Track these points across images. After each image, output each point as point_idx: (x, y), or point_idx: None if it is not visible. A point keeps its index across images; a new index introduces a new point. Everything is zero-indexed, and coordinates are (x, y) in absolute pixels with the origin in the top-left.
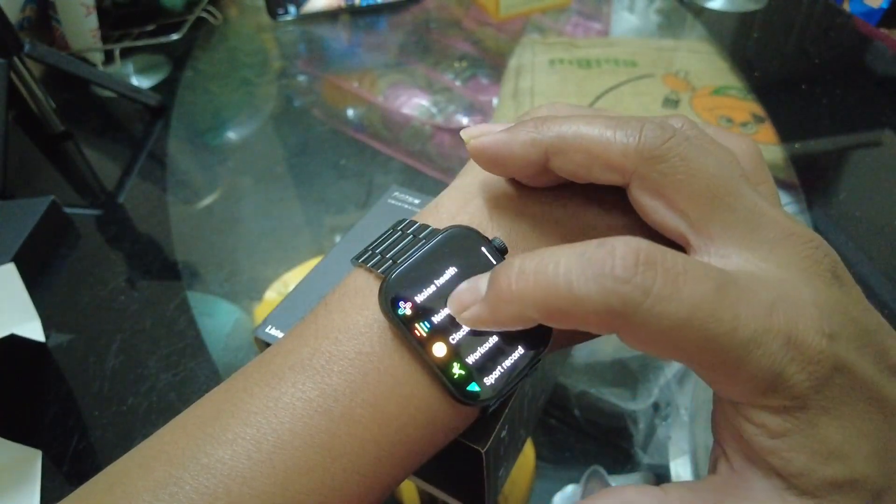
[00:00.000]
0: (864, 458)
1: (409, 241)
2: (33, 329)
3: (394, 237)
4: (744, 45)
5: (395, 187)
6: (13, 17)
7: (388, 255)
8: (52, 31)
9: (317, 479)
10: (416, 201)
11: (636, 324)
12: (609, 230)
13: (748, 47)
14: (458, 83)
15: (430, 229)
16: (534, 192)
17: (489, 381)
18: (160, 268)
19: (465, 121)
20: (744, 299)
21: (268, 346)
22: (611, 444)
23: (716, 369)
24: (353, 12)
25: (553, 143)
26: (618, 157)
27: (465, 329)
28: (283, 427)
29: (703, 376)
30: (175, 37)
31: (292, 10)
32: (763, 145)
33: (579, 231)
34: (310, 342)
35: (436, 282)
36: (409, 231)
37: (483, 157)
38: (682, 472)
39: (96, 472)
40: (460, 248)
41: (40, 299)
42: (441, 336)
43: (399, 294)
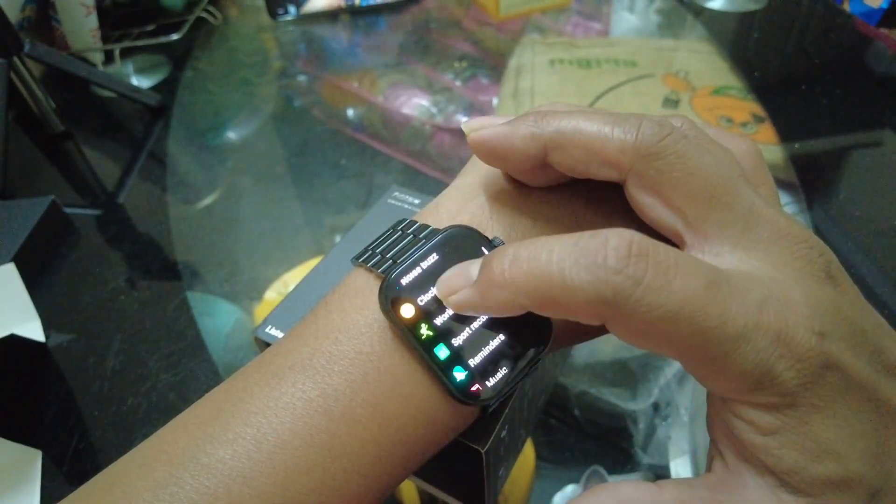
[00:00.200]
0: (858, 457)
1: (409, 241)
2: (33, 329)
3: (394, 237)
4: (744, 45)
5: (395, 187)
6: (13, 17)
7: (388, 255)
8: (52, 31)
9: (317, 478)
10: (416, 201)
11: (626, 314)
12: None
13: (748, 47)
14: (458, 83)
15: (430, 229)
16: (534, 191)
17: (489, 381)
18: (160, 268)
19: (465, 120)
20: (734, 296)
21: (268, 346)
22: (611, 444)
23: (704, 364)
24: (353, 12)
25: (552, 138)
26: (615, 153)
27: (466, 329)
28: (284, 427)
29: (693, 371)
30: (175, 37)
31: (292, 10)
32: (763, 145)
33: (579, 230)
34: (310, 342)
35: None
36: (409, 231)
37: (483, 150)
38: (681, 472)
39: (96, 472)
40: (460, 247)
41: (40, 299)
42: (441, 336)
43: (399, 294)
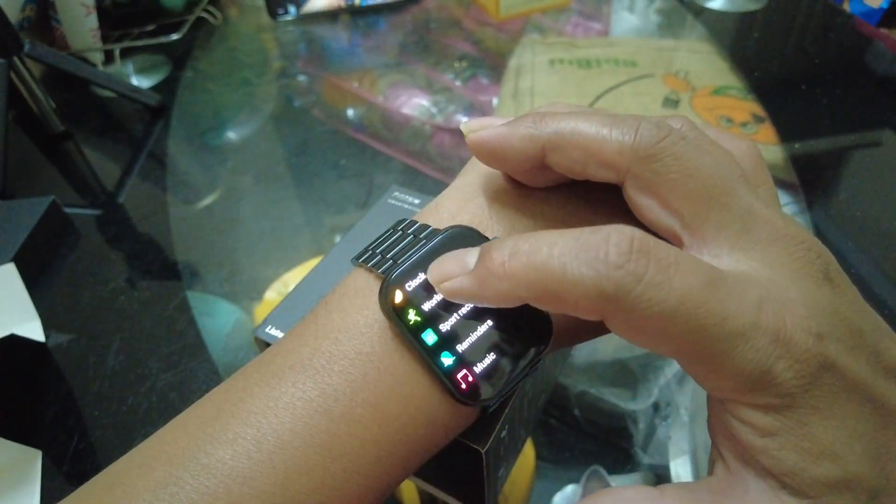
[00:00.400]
0: (857, 458)
1: (409, 241)
2: (33, 329)
3: (394, 237)
4: (744, 45)
5: (395, 187)
6: (13, 17)
7: (388, 255)
8: (52, 31)
9: (317, 478)
10: (416, 201)
11: (626, 309)
12: None
13: (748, 47)
14: (458, 83)
15: (430, 229)
16: (534, 192)
17: (489, 380)
18: (160, 268)
19: (464, 121)
20: (733, 295)
21: (268, 346)
22: (611, 444)
23: (702, 362)
24: (353, 12)
25: (550, 139)
26: (613, 154)
27: (467, 330)
28: (284, 427)
29: (691, 370)
30: (175, 37)
31: (292, 10)
32: (763, 145)
33: None
34: (310, 342)
35: None
36: (409, 231)
37: (482, 150)
38: (681, 472)
39: (96, 472)
40: (460, 247)
41: (40, 299)
42: (442, 336)
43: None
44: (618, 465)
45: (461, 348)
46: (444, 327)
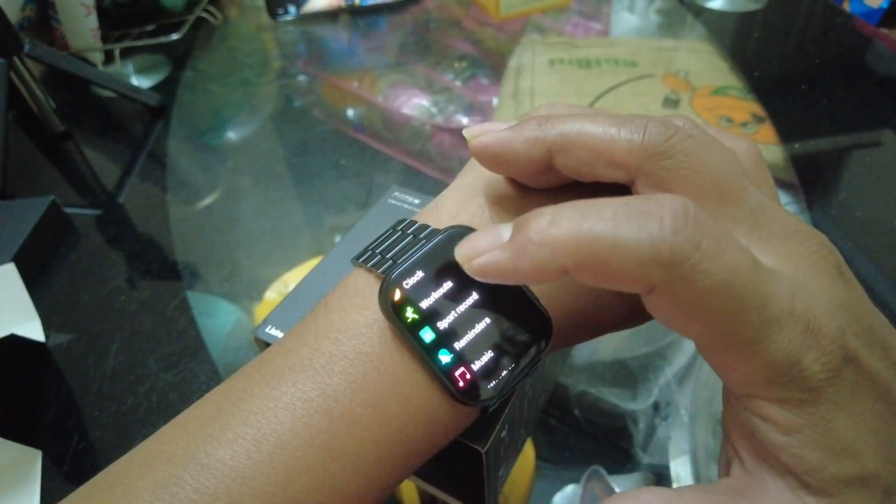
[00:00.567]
0: (873, 455)
1: (409, 242)
2: (33, 329)
3: (394, 237)
4: (744, 45)
5: (395, 187)
6: (13, 17)
7: (388, 255)
8: (52, 31)
9: (317, 478)
10: (416, 201)
11: (678, 279)
12: None
13: (748, 47)
14: (458, 83)
15: (430, 229)
16: (534, 192)
17: (489, 381)
18: (160, 268)
19: (465, 121)
20: (773, 280)
21: (268, 346)
22: (611, 444)
23: (734, 348)
24: (353, 12)
25: (557, 141)
26: (622, 153)
27: (467, 330)
28: (284, 427)
29: (718, 360)
30: (175, 37)
31: (292, 10)
32: (763, 145)
33: None
34: (310, 342)
35: None
36: (409, 231)
37: (485, 156)
38: (681, 472)
39: (96, 472)
40: None
41: (40, 299)
42: (442, 336)
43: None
44: (618, 465)
45: (459, 346)
46: (443, 326)
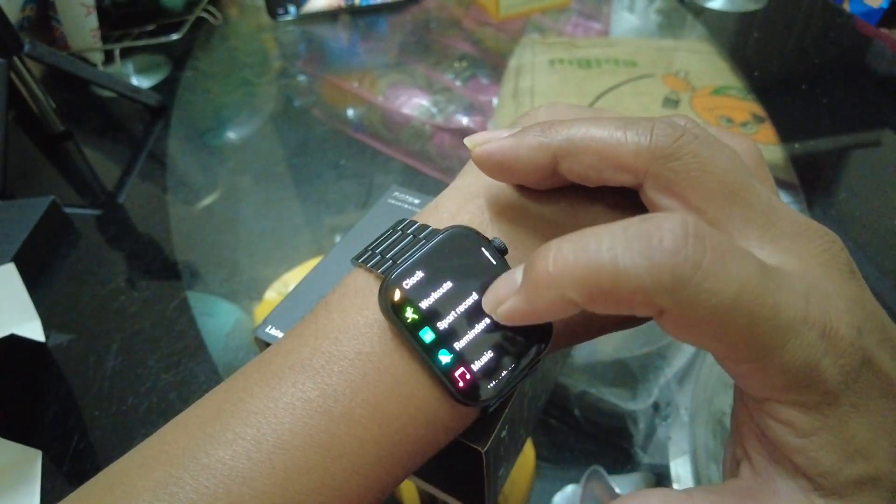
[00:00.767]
0: (885, 456)
1: (409, 242)
2: (33, 329)
3: (394, 237)
4: (744, 45)
5: (395, 187)
6: (13, 17)
7: (387, 256)
8: (52, 31)
9: (317, 479)
10: (416, 201)
11: (684, 301)
12: None
13: (748, 47)
14: (458, 83)
15: (430, 229)
16: (534, 192)
17: (489, 381)
18: (160, 268)
19: (465, 121)
20: (783, 286)
21: (268, 346)
22: (611, 444)
23: (751, 359)
24: (353, 12)
25: (562, 146)
26: (630, 157)
27: (467, 330)
28: (283, 427)
29: (734, 368)
30: (175, 37)
31: (292, 10)
32: (763, 145)
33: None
34: (310, 342)
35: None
36: (409, 231)
37: (488, 164)
38: (681, 472)
39: (96, 472)
40: (460, 248)
41: (40, 299)
42: (442, 337)
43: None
44: (618, 465)
45: (459, 346)
46: (443, 326)
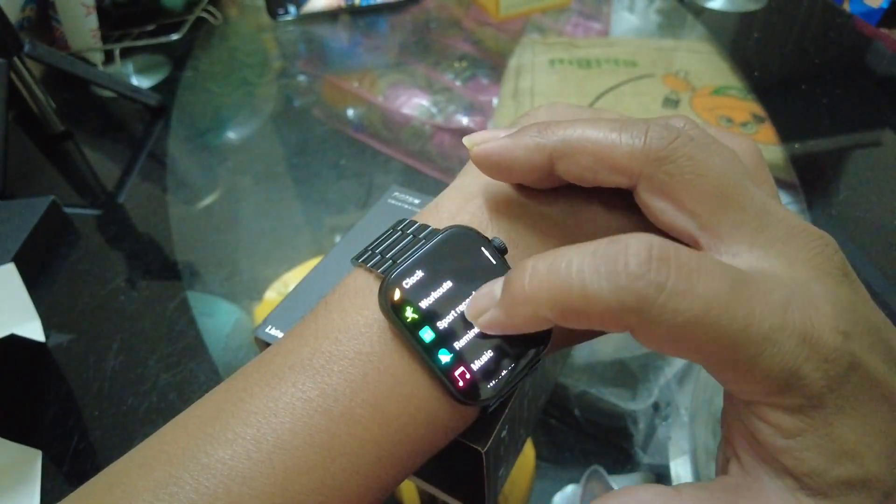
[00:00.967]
0: (875, 457)
1: (409, 241)
2: (33, 329)
3: (394, 237)
4: (744, 45)
5: (395, 187)
6: (13, 17)
7: (387, 255)
8: (52, 31)
9: (317, 478)
10: (416, 201)
11: (650, 321)
12: (609, 230)
13: (748, 47)
14: (458, 83)
15: (429, 229)
16: (534, 192)
17: (489, 380)
18: (160, 268)
19: (465, 121)
20: (758, 297)
21: (268, 346)
22: (611, 444)
23: (730, 368)
24: (353, 12)
25: (558, 147)
26: (624, 158)
27: (467, 330)
28: (283, 427)
29: (717, 376)
30: (175, 37)
31: (292, 10)
32: (763, 145)
33: (579, 231)
34: (310, 342)
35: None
36: (409, 231)
37: (487, 164)
38: (682, 472)
39: (96, 472)
40: (460, 248)
41: (40, 299)
42: (442, 337)
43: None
44: (618, 465)
45: (459, 346)
46: (443, 325)
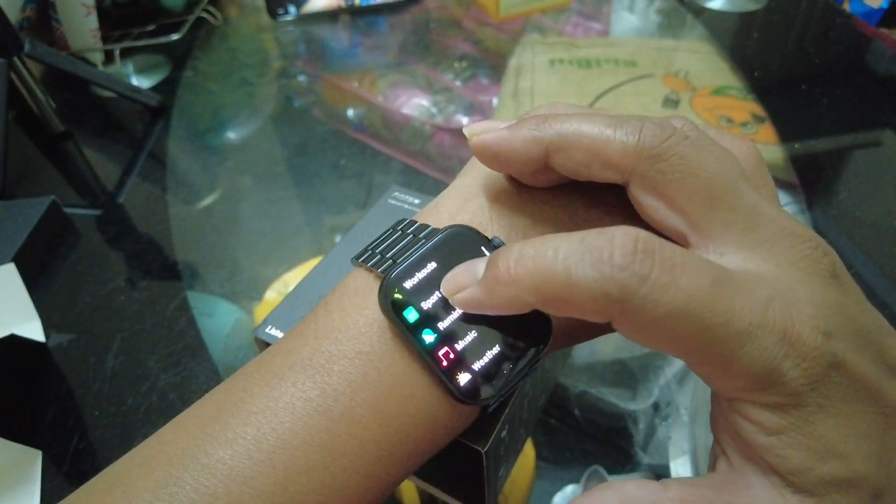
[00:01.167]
0: (862, 458)
1: (409, 241)
2: (33, 329)
3: (394, 237)
4: (744, 45)
5: (395, 187)
6: (13, 17)
7: (388, 255)
8: (52, 31)
9: (317, 478)
10: (416, 201)
11: (631, 311)
12: None
13: (748, 47)
14: (458, 83)
15: (429, 229)
16: (534, 191)
17: (489, 380)
18: (160, 268)
19: (465, 121)
20: (740, 294)
21: (268, 346)
22: (611, 444)
23: (709, 362)
24: (353, 12)
25: (553, 141)
26: (617, 155)
27: (466, 328)
28: (284, 426)
29: (698, 370)
30: (175, 37)
31: (292, 10)
32: (763, 145)
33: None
34: (310, 342)
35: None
36: (409, 231)
37: (485, 154)
38: (682, 472)
39: (96, 472)
40: (460, 247)
41: (40, 299)
42: (440, 334)
43: (399, 294)
44: (618, 465)
45: (460, 347)
46: (443, 326)
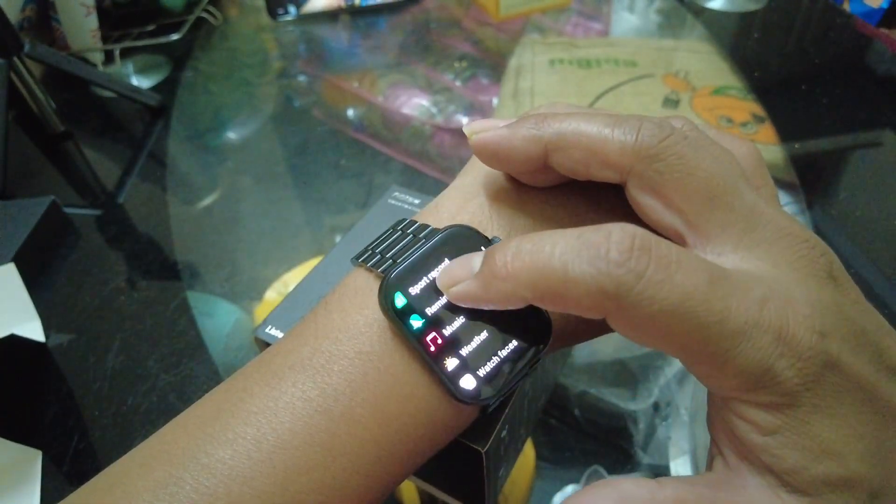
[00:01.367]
0: (858, 458)
1: (409, 241)
2: (33, 329)
3: (394, 237)
4: (744, 45)
5: (395, 187)
6: (13, 17)
7: (388, 255)
8: (52, 31)
9: (317, 478)
10: (416, 201)
11: (627, 307)
12: None
13: (748, 47)
14: (458, 83)
15: (429, 229)
16: (533, 191)
17: (489, 380)
18: (160, 268)
19: (465, 121)
20: (736, 293)
21: (268, 346)
22: (611, 444)
23: (704, 361)
24: (353, 12)
25: (552, 140)
26: (615, 154)
27: (466, 327)
28: (284, 426)
29: (693, 369)
30: (175, 37)
31: (292, 10)
32: (763, 145)
33: None
34: (310, 342)
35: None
36: (409, 231)
37: (485, 152)
38: (681, 472)
39: (96, 472)
40: (460, 247)
41: (40, 299)
42: (441, 335)
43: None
44: (618, 465)
45: (460, 347)
46: (444, 326)
